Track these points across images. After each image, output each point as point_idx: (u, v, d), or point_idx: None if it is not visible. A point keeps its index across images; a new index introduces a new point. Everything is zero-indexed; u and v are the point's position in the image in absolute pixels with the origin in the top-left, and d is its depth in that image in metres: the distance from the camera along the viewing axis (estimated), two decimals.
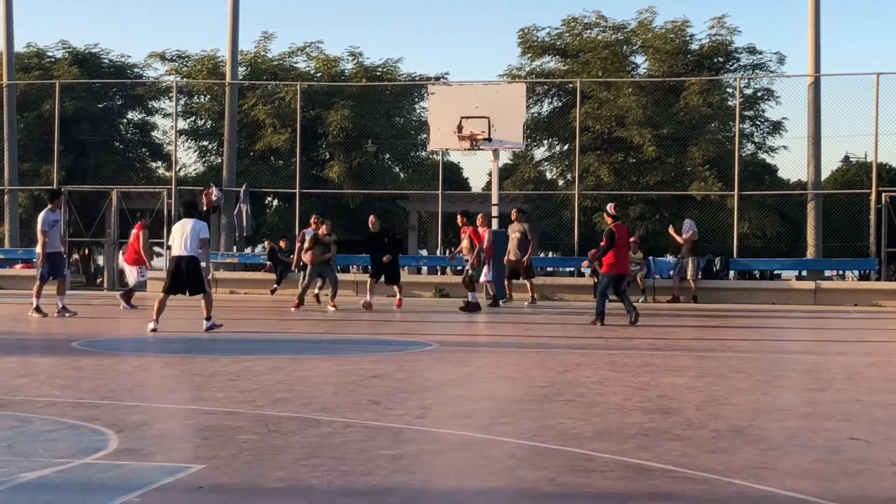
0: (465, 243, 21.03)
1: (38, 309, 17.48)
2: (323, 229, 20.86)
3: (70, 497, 5.40)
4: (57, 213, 18.21)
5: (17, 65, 33.33)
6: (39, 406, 8.11)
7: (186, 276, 15.01)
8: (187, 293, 15.26)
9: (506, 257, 22.47)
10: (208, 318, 15.02)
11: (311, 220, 21.36)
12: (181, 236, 15.02)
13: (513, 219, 23.03)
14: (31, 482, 5.61)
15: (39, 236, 17.84)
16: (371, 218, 21.59)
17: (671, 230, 25.69)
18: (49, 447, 6.59)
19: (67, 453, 6.34)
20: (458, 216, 21.30)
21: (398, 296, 21.21)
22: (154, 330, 14.69)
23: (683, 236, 25.22)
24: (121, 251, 22.33)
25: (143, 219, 22.94)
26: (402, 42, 76.26)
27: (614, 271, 16.86)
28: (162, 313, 15.10)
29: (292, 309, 20.08)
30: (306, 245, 20.75)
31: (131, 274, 21.30)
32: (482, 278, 21.26)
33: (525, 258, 22.24)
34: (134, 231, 21.09)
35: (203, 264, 15.40)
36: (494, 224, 24.12)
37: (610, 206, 17.49)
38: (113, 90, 36.85)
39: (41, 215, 18.03)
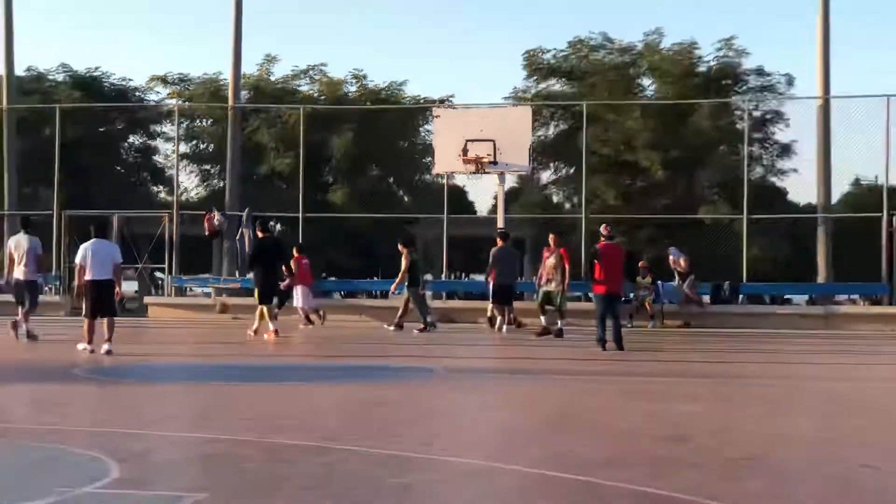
0: (552, 261, 20.22)
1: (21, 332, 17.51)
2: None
3: None
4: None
5: (18, 89, 33.43)
6: (40, 434, 8.08)
7: (105, 299, 15.33)
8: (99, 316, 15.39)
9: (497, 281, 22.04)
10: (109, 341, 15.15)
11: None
12: (96, 259, 15.32)
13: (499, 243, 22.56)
14: None
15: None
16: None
17: (672, 262, 25.72)
18: (50, 476, 6.56)
19: (68, 482, 6.30)
20: (551, 235, 20.77)
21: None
22: (92, 351, 15.00)
23: (683, 265, 25.35)
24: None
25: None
26: (407, 64, 76.62)
27: (601, 291, 16.62)
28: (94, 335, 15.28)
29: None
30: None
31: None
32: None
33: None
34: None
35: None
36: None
37: (603, 228, 17.37)
38: (114, 114, 36.96)
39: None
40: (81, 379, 12.31)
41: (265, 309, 19.11)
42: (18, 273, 17.64)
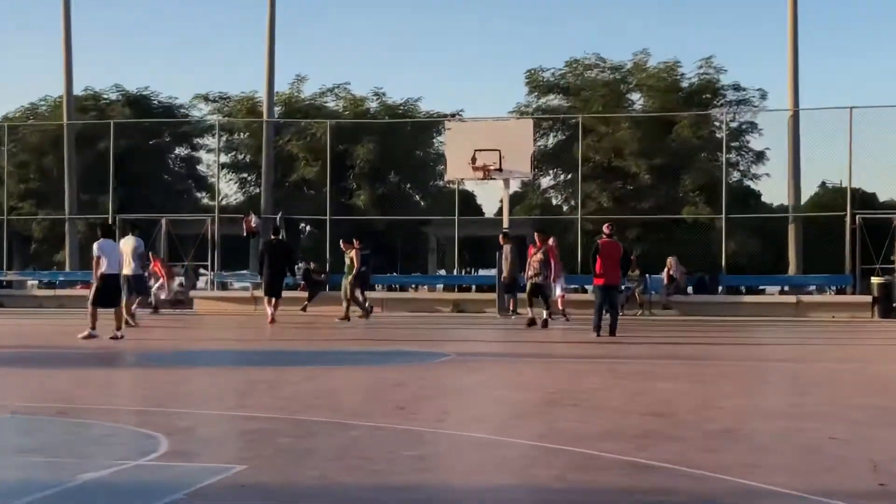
0: (539, 256, 19.32)
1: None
2: None
3: (124, 496, 5.42)
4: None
5: (76, 106, 33.56)
6: (97, 413, 8.15)
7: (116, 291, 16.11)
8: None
9: (505, 276, 22.23)
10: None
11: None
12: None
13: (501, 242, 22.61)
14: (89, 482, 5.63)
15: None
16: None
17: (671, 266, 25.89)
18: (106, 450, 6.62)
19: (123, 455, 6.36)
20: (536, 233, 20.11)
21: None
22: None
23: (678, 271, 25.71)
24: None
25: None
26: (422, 82, 76.49)
27: (599, 283, 16.56)
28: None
29: None
30: None
31: None
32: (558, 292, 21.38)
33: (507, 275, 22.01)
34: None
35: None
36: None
37: (605, 227, 17.33)
38: (162, 128, 37.00)
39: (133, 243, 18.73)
40: (133, 364, 12.38)
41: (265, 299, 20.85)
42: (126, 269, 18.21)
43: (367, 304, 21.97)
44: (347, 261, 21.44)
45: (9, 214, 32.68)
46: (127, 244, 18.61)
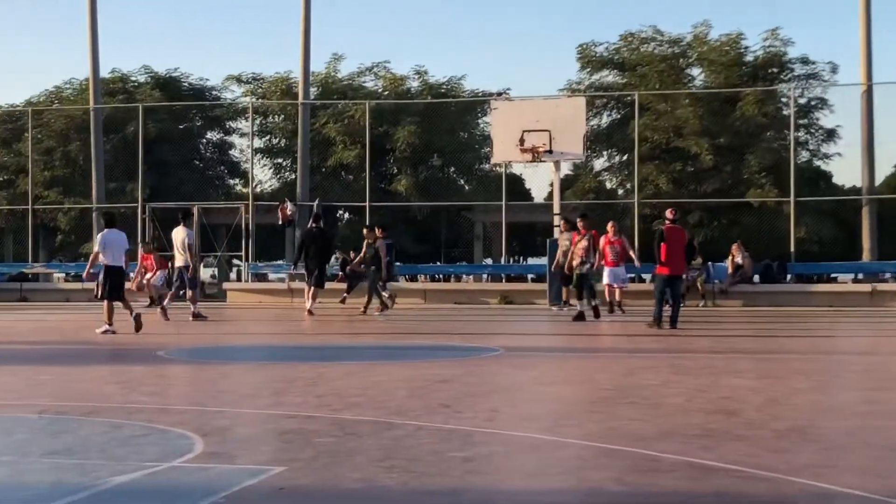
0: (584, 244, 19.17)
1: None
2: None
3: (157, 500, 5.47)
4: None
5: (103, 89, 33.98)
6: (129, 412, 8.23)
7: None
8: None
9: (555, 265, 22.11)
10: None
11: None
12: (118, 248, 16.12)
13: (562, 229, 22.48)
14: (122, 485, 5.69)
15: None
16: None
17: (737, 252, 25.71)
18: (139, 451, 6.68)
19: (156, 457, 6.42)
20: (579, 219, 19.84)
21: None
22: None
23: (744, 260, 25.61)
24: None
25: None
26: (466, 59, 76.57)
27: (664, 272, 16.47)
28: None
29: None
30: None
31: None
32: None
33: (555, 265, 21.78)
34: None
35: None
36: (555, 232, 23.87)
37: (668, 211, 17.26)
38: (192, 112, 37.34)
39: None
40: (165, 361, 12.50)
41: (307, 289, 21.26)
42: (178, 261, 18.63)
43: (385, 300, 21.49)
44: (371, 251, 21.31)
45: (34, 204, 33.14)
46: (177, 235, 18.86)
